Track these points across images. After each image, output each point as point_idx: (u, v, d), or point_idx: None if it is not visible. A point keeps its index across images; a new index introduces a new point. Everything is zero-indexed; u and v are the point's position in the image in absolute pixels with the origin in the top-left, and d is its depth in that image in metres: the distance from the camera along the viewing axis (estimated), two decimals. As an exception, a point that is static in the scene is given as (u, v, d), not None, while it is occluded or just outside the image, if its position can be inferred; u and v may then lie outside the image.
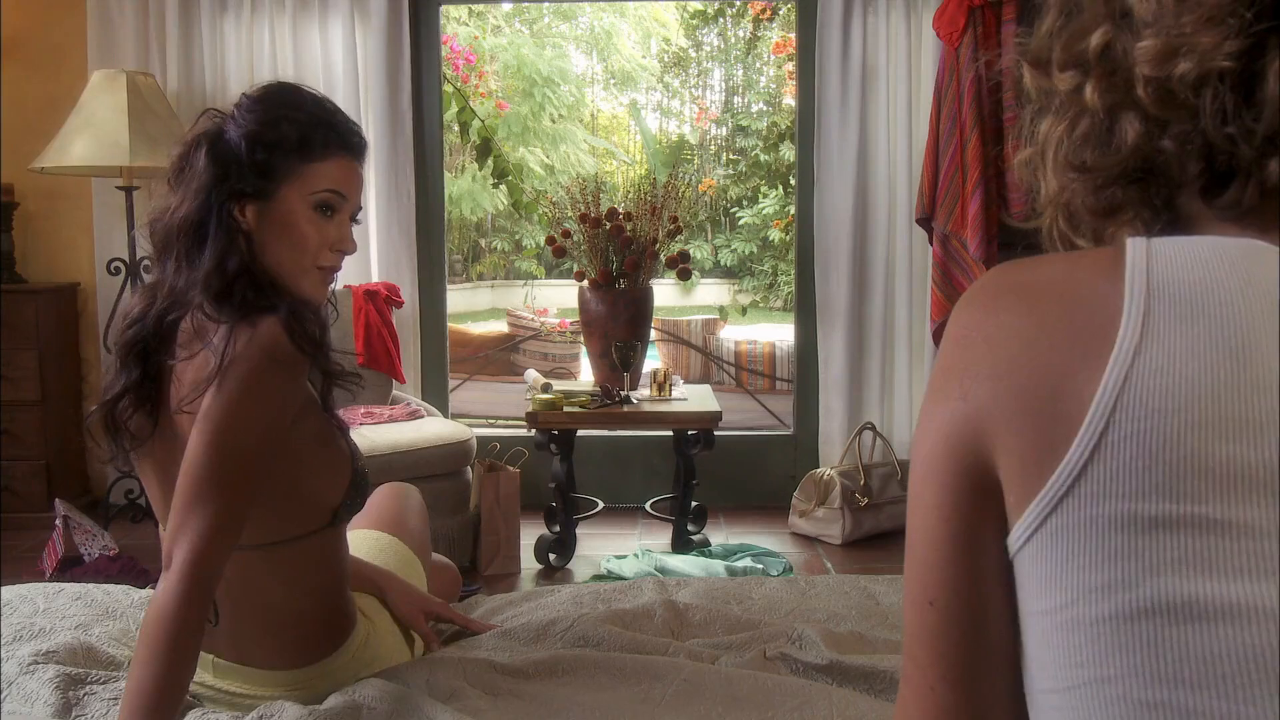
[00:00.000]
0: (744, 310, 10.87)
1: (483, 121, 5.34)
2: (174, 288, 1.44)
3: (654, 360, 6.07)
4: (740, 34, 12.35)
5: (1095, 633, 0.57)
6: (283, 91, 1.49)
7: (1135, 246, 0.60)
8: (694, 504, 3.45)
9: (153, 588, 1.63)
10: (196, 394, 1.36)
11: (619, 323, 3.38)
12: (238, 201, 1.43)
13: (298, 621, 1.53)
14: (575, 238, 3.51)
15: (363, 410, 3.39)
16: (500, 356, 7.19)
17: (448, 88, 4.59)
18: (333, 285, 1.57)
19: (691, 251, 6.05)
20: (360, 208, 1.54)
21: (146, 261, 3.46)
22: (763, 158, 11.28)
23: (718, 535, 3.57)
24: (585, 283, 3.47)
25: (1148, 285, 0.58)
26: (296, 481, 1.46)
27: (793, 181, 5.38)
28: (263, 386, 1.36)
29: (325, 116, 1.48)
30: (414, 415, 3.48)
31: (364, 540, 1.84)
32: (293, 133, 1.44)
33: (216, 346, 1.36)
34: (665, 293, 10.75)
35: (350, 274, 3.81)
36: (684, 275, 3.66)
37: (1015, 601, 0.63)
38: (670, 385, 3.45)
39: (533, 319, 8.04)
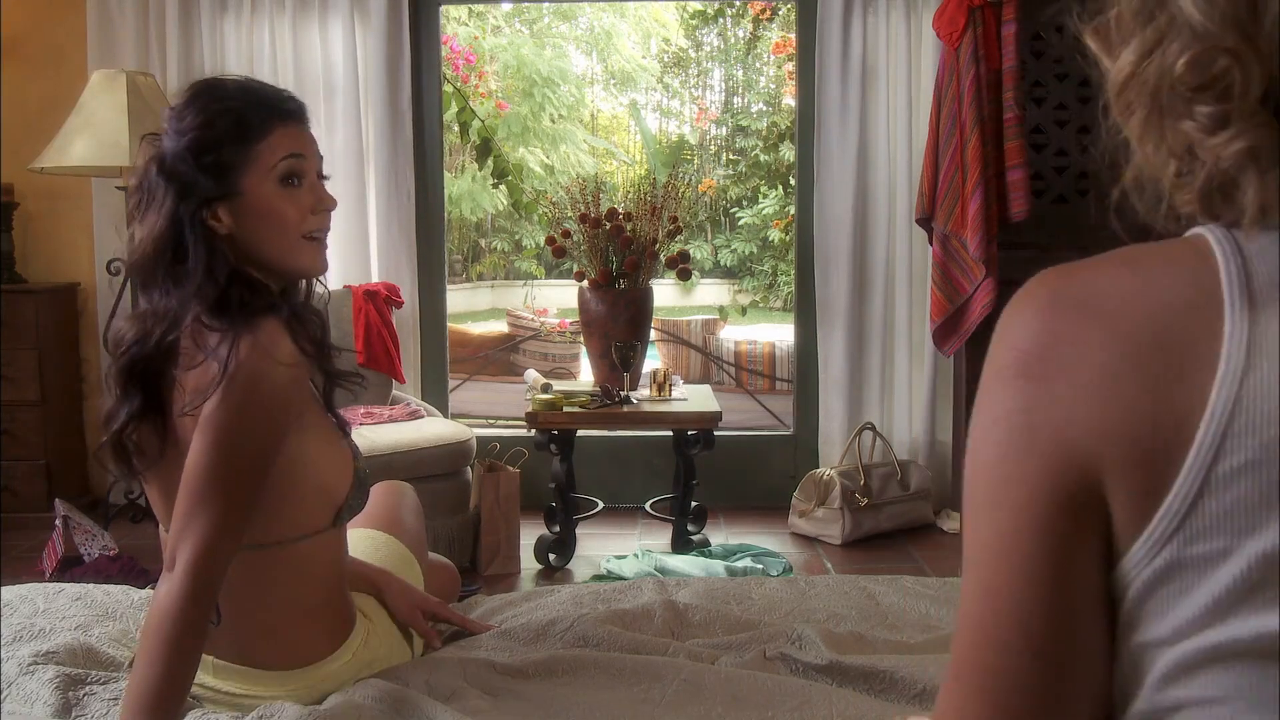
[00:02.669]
0: (744, 310, 10.87)
1: (483, 121, 5.34)
2: (167, 309, 1.42)
3: (654, 360, 6.07)
4: (740, 34, 12.34)
5: (1220, 662, 0.54)
6: (205, 89, 1.47)
7: (1221, 245, 0.55)
8: (694, 504, 3.45)
9: (153, 588, 1.63)
10: (200, 400, 1.36)
11: (619, 323, 3.38)
12: (207, 209, 1.42)
13: (297, 622, 1.53)
14: (575, 238, 3.51)
15: (363, 410, 3.39)
16: (500, 356, 7.19)
17: (448, 88, 4.59)
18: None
19: (691, 251, 6.06)
20: (322, 159, 1.53)
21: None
22: (763, 158, 11.26)
23: (718, 535, 3.57)
24: (585, 283, 3.47)
25: (1249, 292, 0.53)
26: (299, 482, 1.47)
27: (793, 181, 5.38)
28: (265, 389, 1.37)
29: (253, 96, 1.46)
30: (414, 415, 3.48)
31: (360, 539, 1.83)
32: (228, 123, 1.42)
33: (219, 353, 1.35)
34: (665, 293, 10.75)
35: (350, 274, 3.82)
36: (684, 275, 3.66)
37: (1111, 635, 0.60)
38: (670, 385, 3.44)
39: (533, 319, 8.04)
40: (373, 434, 3.17)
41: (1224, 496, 0.52)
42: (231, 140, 1.42)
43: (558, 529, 3.27)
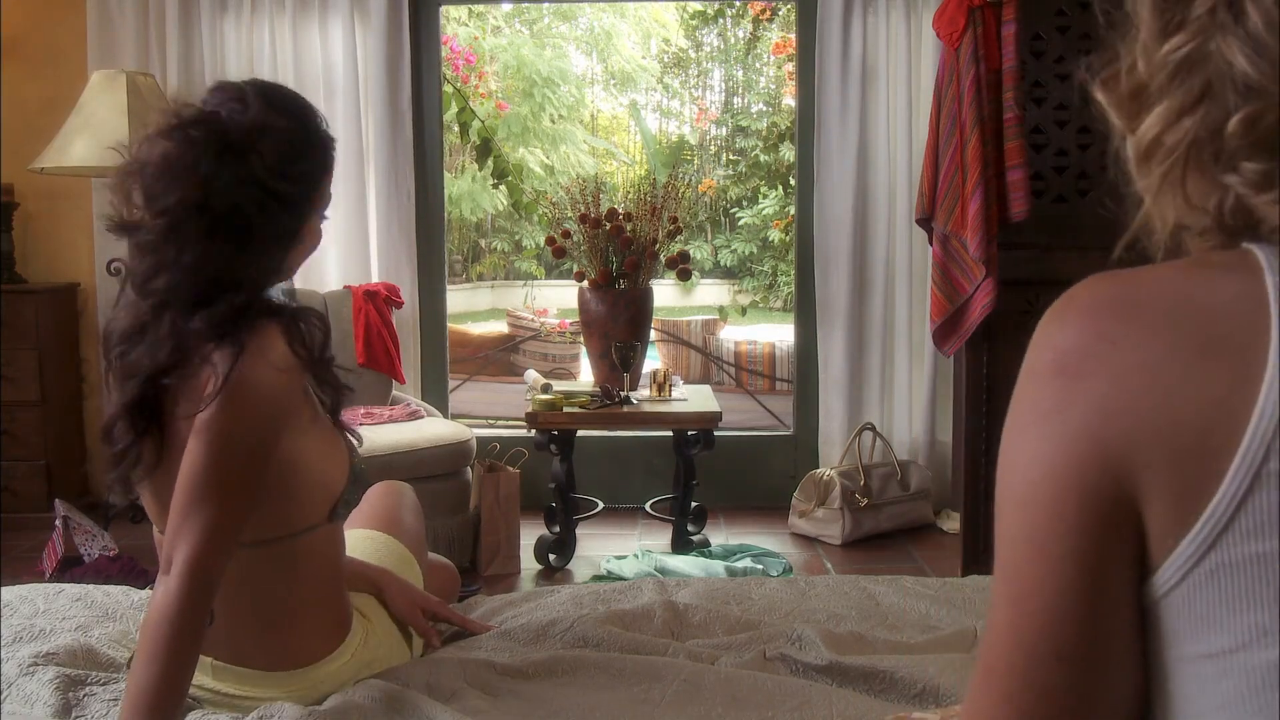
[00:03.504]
0: (744, 310, 10.86)
1: (483, 122, 5.34)
2: (183, 331, 1.38)
3: (654, 360, 6.08)
4: (740, 34, 12.34)
5: (1273, 678, 0.53)
6: (300, 121, 1.46)
7: (1264, 249, 0.55)
8: (694, 504, 3.45)
9: (153, 588, 1.63)
10: (196, 409, 1.35)
11: (619, 323, 3.38)
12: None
13: (295, 621, 1.53)
14: (575, 238, 3.52)
15: (363, 410, 3.39)
16: (500, 357, 7.19)
17: (448, 88, 4.58)
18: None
19: (691, 252, 6.05)
20: None
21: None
22: (763, 158, 11.26)
23: (718, 535, 3.57)
24: (585, 283, 3.47)
25: None
26: (294, 479, 1.47)
27: (793, 181, 5.38)
28: (261, 393, 1.37)
29: (324, 129, 1.50)
30: (414, 416, 3.48)
31: (360, 540, 1.83)
32: (324, 158, 1.49)
33: (219, 362, 1.35)
34: (665, 293, 10.74)
35: (350, 274, 3.82)
36: (684, 275, 3.66)
37: (1144, 646, 0.59)
38: (670, 385, 3.44)
39: (533, 319, 8.04)
40: (373, 434, 3.16)
41: (1276, 494, 0.52)
42: (320, 173, 1.48)
43: (558, 529, 3.27)
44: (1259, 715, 0.54)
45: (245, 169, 1.37)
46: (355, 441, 1.59)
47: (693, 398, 3.45)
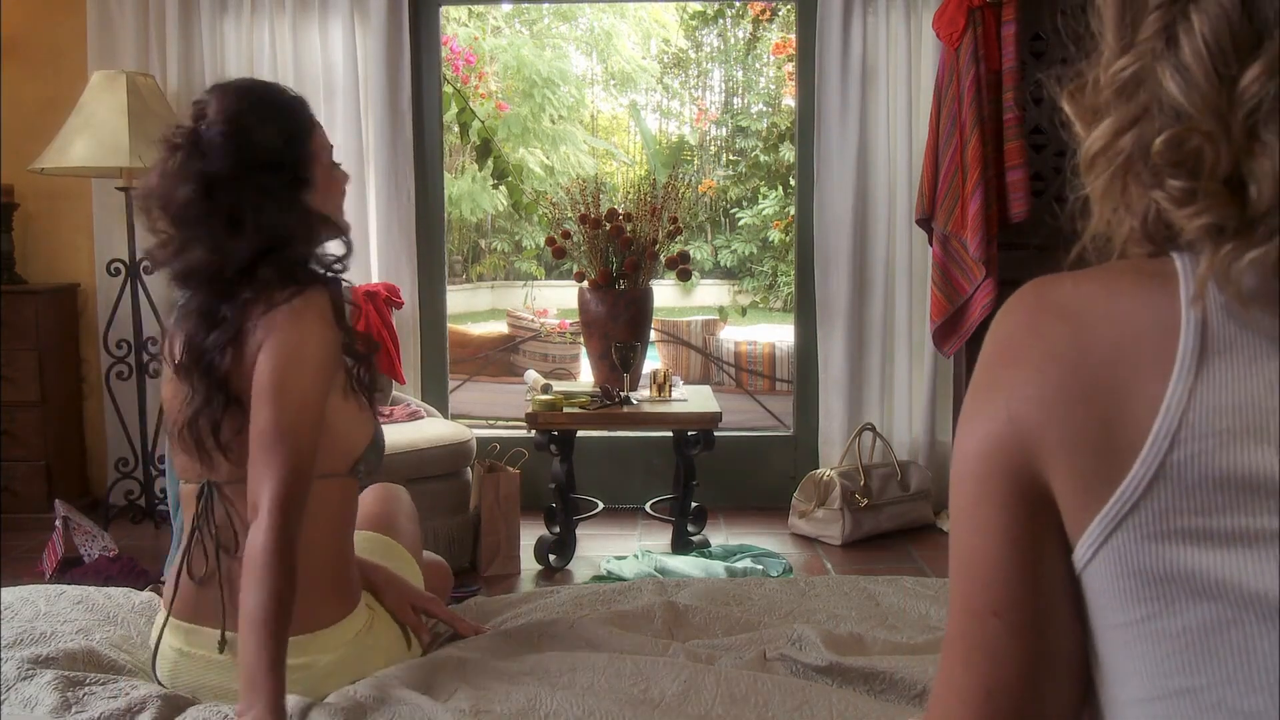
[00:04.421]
0: (744, 311, 10.86)
1: (483, 122, 5.34)
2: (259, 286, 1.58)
3: (654, 361, 6.08)
4: (740, 35, 12.34)
5: (1183, 643, 0.57)
6: (258, 95, 1.68)
7: (1182, 259, 0.60)
8: (694, 505, 3.44)
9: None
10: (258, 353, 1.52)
11: (619, 323, 3.38)
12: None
13: (308, 576, 1.55)
14: (575, 238, 3.51)
15: (362, 411, 3.39)
16: (500, 357, 7.19)
17: (448, 88, 4.58)
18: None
19: (691, 252, 6.05)
20: None
21: (147, 264, 3.46)
22: (762, 158, 11.26)
23: (718, 536, 3.57)
24: (585, 283, 3.47)
25: (1204, 309, 0.58)
26: (324, 429, 1.55)
27: (793, 182, 5.38)
28: (314, 340, 1.53)
29: (292, 98, 1.73)
30: (414, 416, 3.48)
31: (359, 541, 1.85)
32: (295, 125, 1.70)
33: (282, 300, 1.54)
34: (665, 293, 10.74)
35: (350, 274, 3.80)
36: (684, 276, 3.66)
37: (1080, 611, 0.64)
38: (670, 386, 3.44)
39: (532, 320, 8.04)
40: (372, 434, 3.17)
41: (1179, 482, 0.56)
42: (301, 139, 1.74)
43: (558, 529, 3.27)
44: (1169, 677, 0.58)
45: (236, 149, 1.61)
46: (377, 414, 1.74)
47: (693, 398, 3.44)
